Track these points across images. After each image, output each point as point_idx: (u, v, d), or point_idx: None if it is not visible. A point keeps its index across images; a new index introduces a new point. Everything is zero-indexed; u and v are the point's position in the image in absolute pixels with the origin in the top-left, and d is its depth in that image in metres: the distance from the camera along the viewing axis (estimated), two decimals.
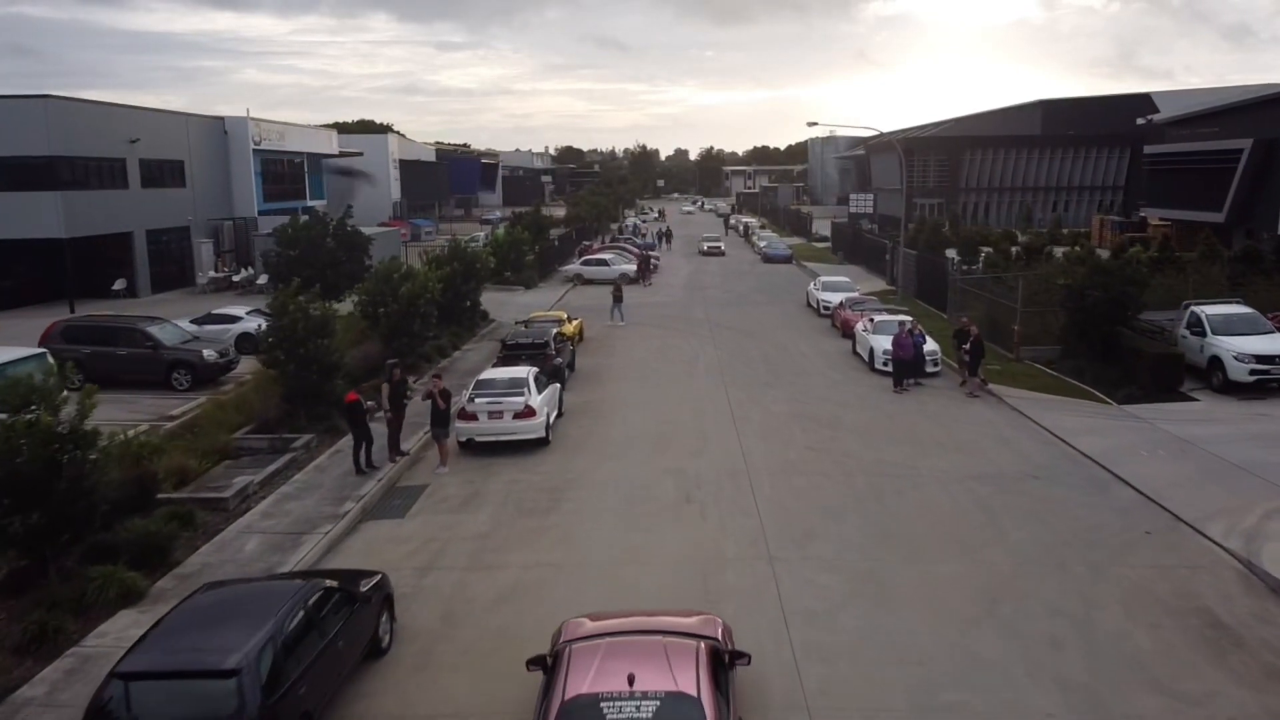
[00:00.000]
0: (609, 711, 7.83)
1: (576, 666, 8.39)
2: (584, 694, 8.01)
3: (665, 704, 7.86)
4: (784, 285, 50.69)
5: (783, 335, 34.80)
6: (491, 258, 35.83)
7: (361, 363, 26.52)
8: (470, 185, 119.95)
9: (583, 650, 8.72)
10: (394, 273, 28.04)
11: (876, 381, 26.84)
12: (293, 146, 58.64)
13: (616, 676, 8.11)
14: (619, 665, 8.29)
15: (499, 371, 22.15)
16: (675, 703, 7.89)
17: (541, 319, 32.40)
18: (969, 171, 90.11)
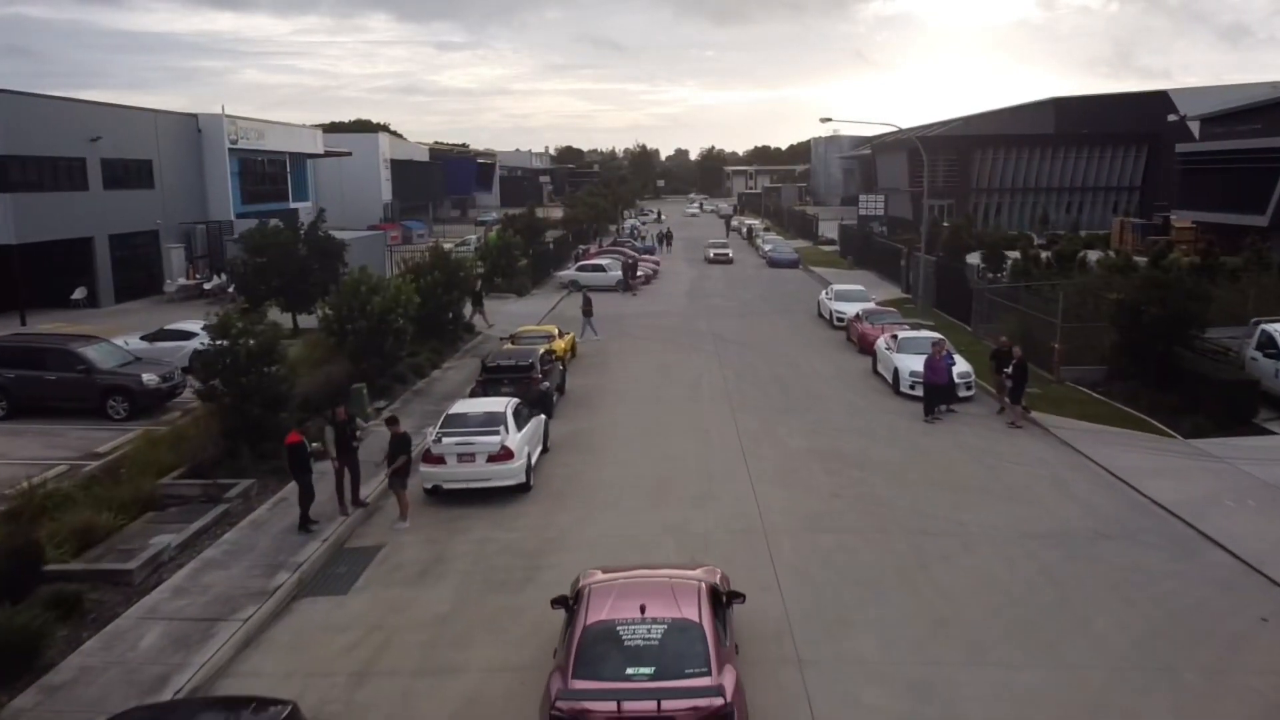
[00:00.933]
0: (624, 634, 9.35)
1: (595, 601, 9.90)
2: (603, 619, 9.54)
3: (671, 627, 9.41)
4: (792, 293, 47.71)
5: (794, 351, 31.84)
6: (479, 263, 32.86)
7: (324, 387, 23.58)
8: (466, 186, 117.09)
9: (600, 589, 10.24)
10: (363, 284, 25.09)
11: (902, 407, 23.89)
12: (274, 146, 55.72)
13: (630, 607, 9.63)
14: (632, 599, 9.80)
15: (472, 404, 19.17)
16: (680, 626, 9.43)
17: (529, 334, 29.44)
18: (980, 172, 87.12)
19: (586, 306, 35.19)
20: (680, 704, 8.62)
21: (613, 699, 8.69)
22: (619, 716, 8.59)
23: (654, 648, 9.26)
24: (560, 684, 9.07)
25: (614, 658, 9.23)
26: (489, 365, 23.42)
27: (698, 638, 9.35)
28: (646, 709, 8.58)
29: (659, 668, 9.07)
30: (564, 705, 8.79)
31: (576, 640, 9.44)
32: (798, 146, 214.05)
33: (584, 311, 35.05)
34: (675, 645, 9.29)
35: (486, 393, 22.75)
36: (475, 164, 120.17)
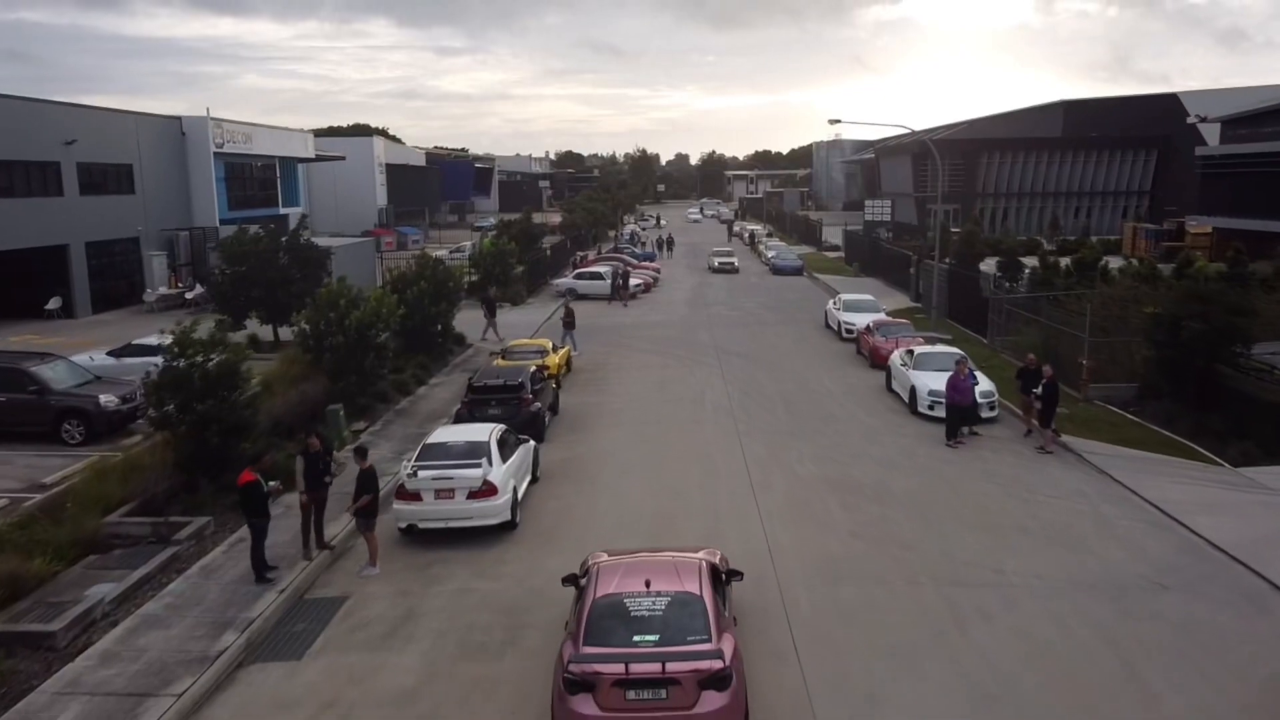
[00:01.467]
0: (631, 605, 10.02)
1: (604, 577, 10.57)
2: (611, 593, 10.21)
3: (674, 600, 10.08)
4: (797, 301, 46.00)
5: (802, 365, 30.11)
6: (470, 272, 31.17)
7: (299, 408, 21.89)
8: (463, 190, 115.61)
9: (608, 567, 10.92)
10: (341, 297, 23.37)
11: (921, 429, 22.16)
12: (261, 149, 54.06)
13: (636, 582, 10.30)
14: (638, 575, 10.45)
15: (453, 432, 17.42)
16: (682, 599, 10.10)
17: (521, 349, 27.73)
18: (986, 176, 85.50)
19: (568, 318, 33.13)
20: (683, 666, 9.30)
21: (621, 661, 9.34)
22: (627, 678, 9.28)
23: (658, 618, 9.95)
24: (572, 650, 9.71)
25: (621, 627, 9.89)
26: (475, 385, 21.70)
27: (699, 609, 10.04)
28: (652, 670, 9.28)
29: (663, 635, 9.73)
30: (576, 669, 9.43)
31: (586, 612, 10.10)
32: (799, 151, 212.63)
33: (565, 323, 33.07)
34: (678, 615, 9.97)
35: (473, 415, 21.11)
36: (473, 168, 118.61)
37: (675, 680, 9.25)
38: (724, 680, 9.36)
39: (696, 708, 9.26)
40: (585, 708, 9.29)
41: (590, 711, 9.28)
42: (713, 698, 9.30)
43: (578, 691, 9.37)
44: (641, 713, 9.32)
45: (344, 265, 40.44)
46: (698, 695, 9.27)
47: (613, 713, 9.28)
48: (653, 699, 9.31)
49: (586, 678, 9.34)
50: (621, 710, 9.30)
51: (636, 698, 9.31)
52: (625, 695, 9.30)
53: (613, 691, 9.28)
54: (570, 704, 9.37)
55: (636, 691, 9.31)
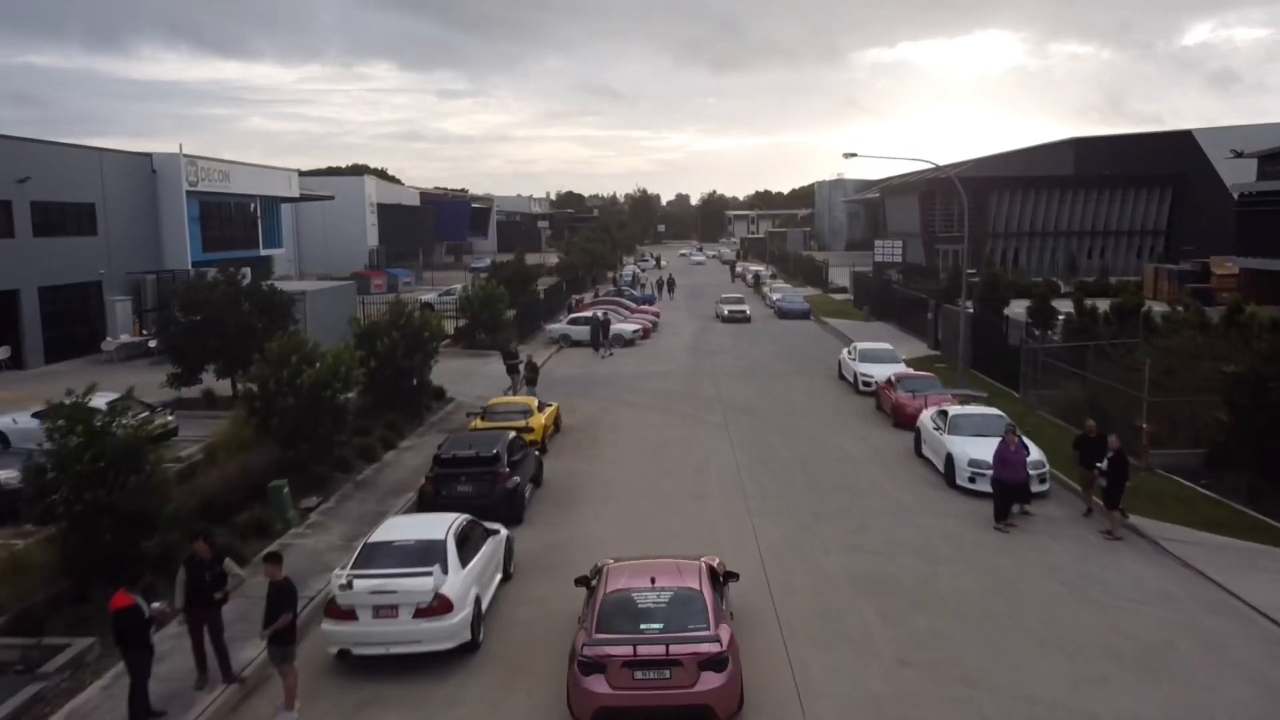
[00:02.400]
0: (638, 599, 11.21)
1: (613, 576, 11.82)
2: (620, 589, 11.43)
3: (677, 595, 11.26)
4: (807, 347, 43.04)
5: (816, 423, 27.03)
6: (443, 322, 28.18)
7: (239, 483, 18.82)
8: (460, 231, 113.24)
9: (617, 568, 12.23)
10: (293, 353, 20.37)
11: (962, 506, 19.05)
12: (240, 188, 51.38)
13: (643, 580, 11.55)
14: (644, 575, 11.69)
15: (402, 527, 14.24)
16: (684, 594, 11.27)
17: (503, 408, 24.68)
18: (996, 215, 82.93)
19: (530, 374, 30.29)
20: (684, 649, 10.36)
21: (629, 645, 10.41)
22: (635, 659, 10.33)
23: (662, 609, 11.03)
24: (586, 638, 10.76)
25: (629, 617, 10.93)
26: (443, 457, 18.64)
27: (699, 602, 11.10)
28: (656, 653, 10.35)
29: (667, 624, 10.80)
30: (590, 652, 10.50)
31: (598, 605, 11.17)
32: (800, 191, 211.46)
33: (527, 379, 30.15)
34: (680, 608, 11.05)
35: (439, 492, 18.09)
36: (470, 208, 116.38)
37: (678, 662, 10.36)
38: (721, 662, 10.47)
39: (697, 686, 10.35)
40: (598, 686, 10.40)
41: (602, 689, 10.39)
42: (711, 678, 10.39)
43: (591, 672, 10.48)
44: (648, 690, 10.38)
45: (321, 312, 37.66)
46: (698, 675, 10.37)
47: (622, 690, 10.36)
48: (657, 678, 10.39)
49: (599, 660, 10.46)
50: (630, 688, 10.38)
51: (643, 677, 10.38)
52: (633, 675, 10.38)
53: (622, 671, 10.38)
54: (584, 684, 10.46)
55: (643, 672, 10.39)
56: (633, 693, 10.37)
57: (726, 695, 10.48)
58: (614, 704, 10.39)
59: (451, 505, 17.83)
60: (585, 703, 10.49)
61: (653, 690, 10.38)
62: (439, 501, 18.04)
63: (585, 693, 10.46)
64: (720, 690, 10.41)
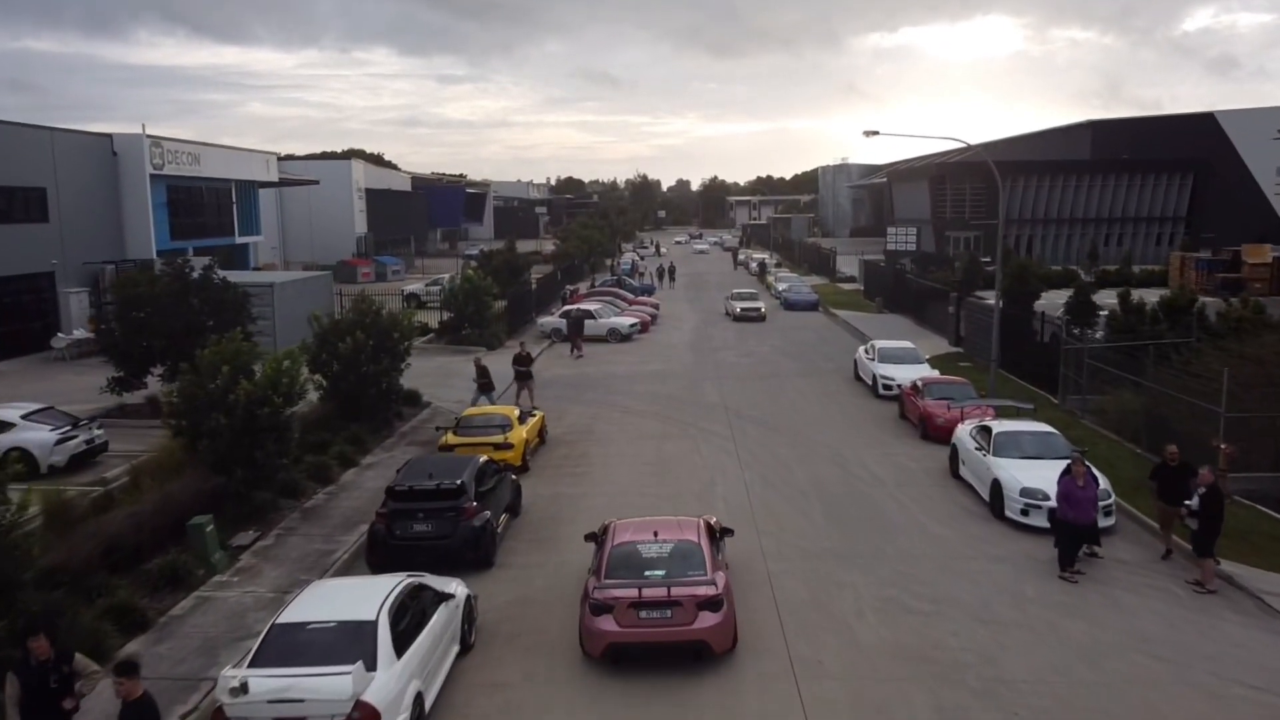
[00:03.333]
0: (643, 550, 12.34)
1: (619, 532, 12.98)
2: (625, 541, 12.61)
3: (677, 546, 12.40)
4: (816, 343, 39.97)
5: (834, 435, 24.01)
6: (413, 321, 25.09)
7: (156, 521, 15.81)
8: (453, 217, 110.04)
9: (623, 524, 13.34)
10: (224, 362, 17.33)
11: (1015, 544, 16.08)
12: (213, 171, 48.24)
13: (646, 534, 12.71)
14: (647, 530, 12.85)
15: (323, 599, 11.13)
16: (684, 546, 12.43)
17: (479, 420, 21.65)
18: (1010, 201, 79.70)
19: (482, 378, 26.17)
20: (684, 591, 11.60)
21: (635, 588, 11.64)
22: (640, 601, 11.53)
23: (664, 558, 12.25)
24: (595, 583, 11.99)
25: (634, 566, 12.15)
26: (397, 489, 15.60)
27: (697, 553, 12.35)
28: (659, 595, 11.55)
29: (668, 571, 12.00)
30: (599, 595, 11.74)
31: (606, 556, 12.42)
32: (802, 176, 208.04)
33: (479, 386, 26.14)
34: (680, 557, 12.26)
35: (391, 531, 15.11)
36: (464, 193, 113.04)
37: (678, 603, 11.53)
38: (717, 604, 11.69)
39: (695, 624, 11.55)
40: (607, 625, 11.61)
41: (610, 628, 11.59)
42: (708, 617, 11.60)
43: (600, 613, 11.67)
44: (651, 628, 11.60)
45: (292, 306, 34.71)
46: (696, 615, 11.56)
47: (628, 629, 11.57)
48: (660, 618, 11.58)
49: (607, 602, 11.64)
50: (635, 627, 11.57)
51: (647, 617, 11.58)
52: (638, 615, 11.56)
53: (628, 612, 11.55)
54: (595, 623, 11.68)
55: (647, 612, 11.57)
56: (638, 630, 11.59)
57: (722, 632, 11.79)
58: (621, 640, 11.63)
59: (406, 548, 14.97)
60: (596, 640, 11.72)
61: (656, 628, 11.61)
62: (391, 543, 15.07)
63: (596, 631, 11.69)
64: (716, 628, 11.69)
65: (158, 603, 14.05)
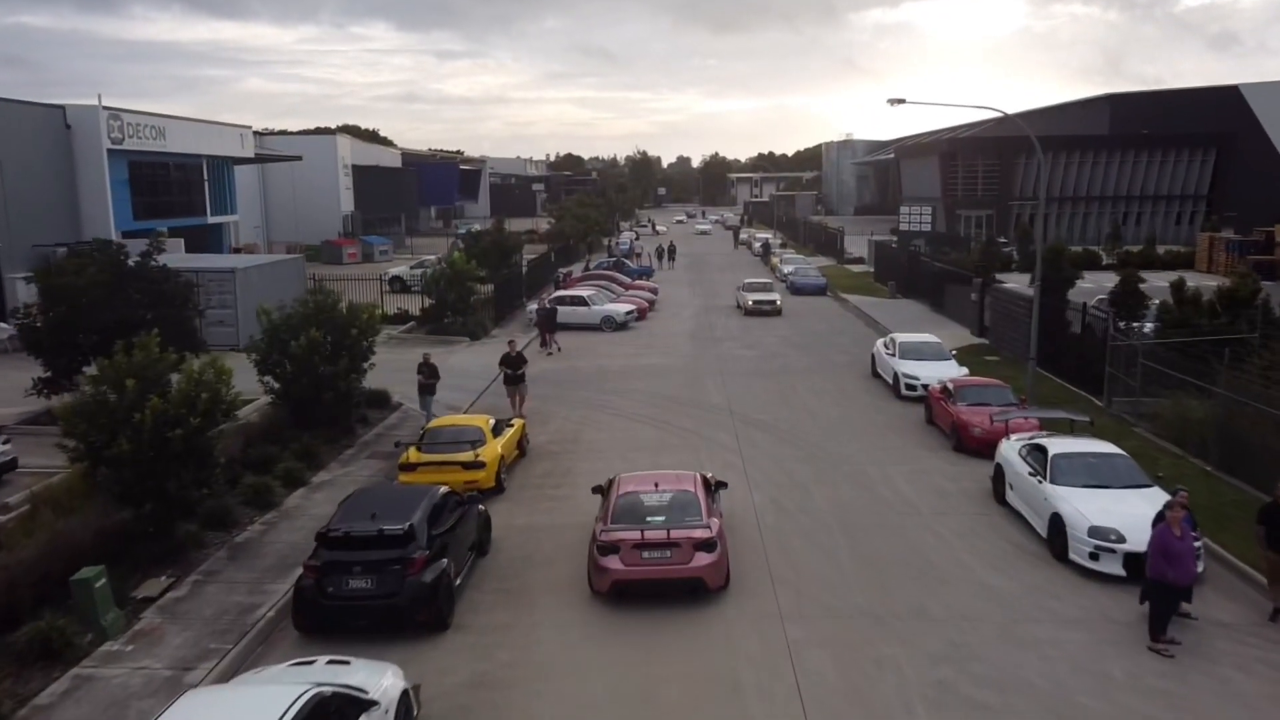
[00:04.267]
0: (645, 499, 13.71)
1: (624, 484, 14.39)
2: (629, 491, 14.02)
3: (676, 496, 13.76)
4: (827, 333, 37.00)
5: (855, 445, 21.09)
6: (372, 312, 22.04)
7: (45, 564, 12.94)
8: (447, 195, 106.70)
9: (627, 477, 14.75)
10: (129, 375, 14.38)
11: (1088, 599, 13.21)
12: (181, 147, 45.07)
13: (648, 485, 14.15)
14: (649, 482, 14.32)
15: (210, 703, 8.30)
16: (681, 496, 13.79)
17: (448, 433, 18.68)
18: (1024, 178, 76.48)
19: (427, 377, 22.63)
20: (682, 533, 12.95)
21: (638, 530, 12.97)
22: (642, 543, 12.85)
23: (664, 506, 13.58)
24: (602, 527, 13.35)
25: (638, 513, 13.47)
26: (331, 534, 12.66)
27: (694, 501, 13.71)
28: (659, 538, 12.87)
29: (668, 517, 13.31)
30: (605, 537, 13.05)
31: (611, 505, 13.78)
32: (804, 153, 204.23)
33: (420, 386, 22.67)
34: (679, 505, 13.58)
35: (323, 589, 12.24)
36: (457, 170, 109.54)
37: (677, 544, 12.85)
38: (711, 545, 13.00)
39: (692, 563, 12.85)
40: (613, 564, 12.87)
41: (616, 566, 12.86)
42: (703, 557, 12.90)
43: (607, 554, 12.93)
44: (652, 567, 12.84)
45: (257, 292, 31.72)
46: (692, 555, 12.87)
47: (632, 567, 12.83)
48: (660, 558, 12.85)
49: (613, 543, 12.93)
50: (638, 565, 12.84)
51: (649, 557, 12.83)
52: (641, 555, 12.84)
53: (632, 552, 12.84)
54: (602, 562, 12.93)
55: (649, 552, 12.84)
56: (641, 569, 12.80)
57: (715, 571, 13.01)
58: (626, 578, 12.81)
59: (340, 609, 12.13)
60: (603, 578, 12.90)
61: (656, 566, 12.81)
62: (323, 603, 12.21)
63: (603, 570, 12.88)
64: (710, 566, 12.91)
65: (22, 685, 11.21)
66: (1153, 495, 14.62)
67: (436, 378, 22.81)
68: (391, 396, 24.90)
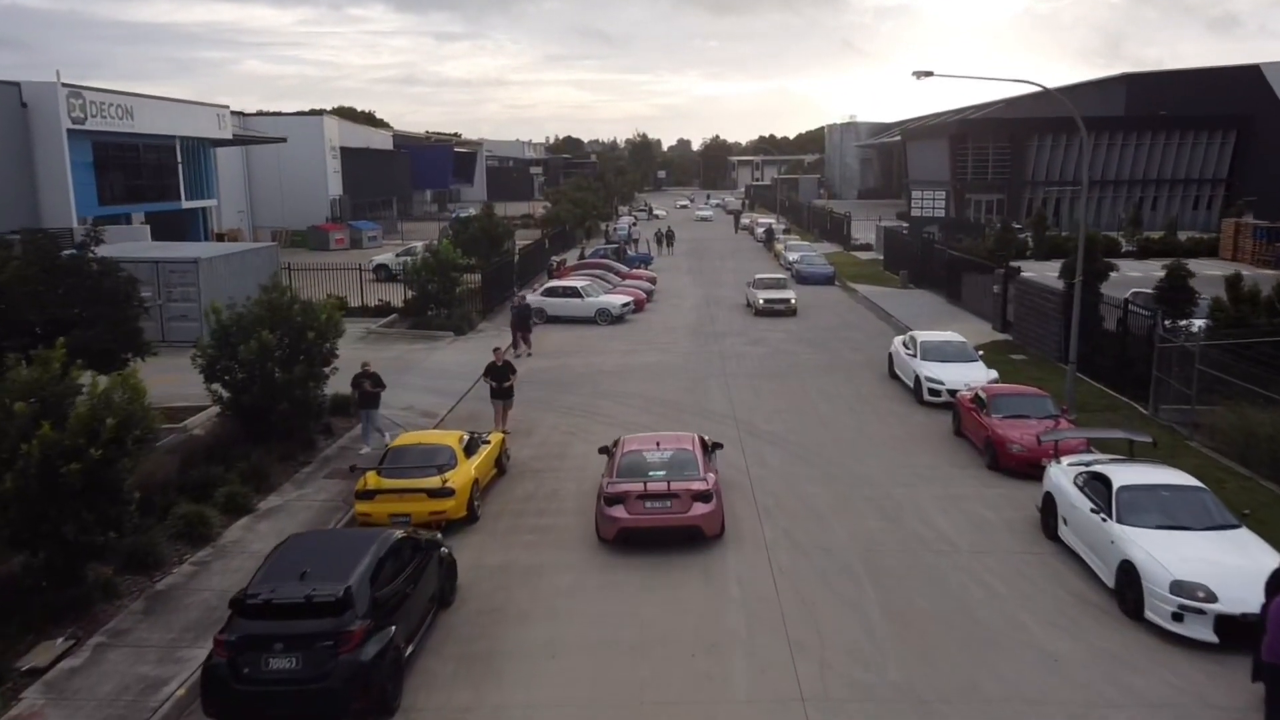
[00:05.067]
0: (647, 457, 15.19)
1: (628, 444, 15.90)
2: (633, 450, 15.52)
3: (676, 453, 15.25)
4: (838, 327, 34.62)
5: (879, 464, 18.71)
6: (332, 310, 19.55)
7: None
8: (441, 178, 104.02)
9: (631, 439, 16.34)
10: (19, 398, 11.97)
11: (1176, 673, 10.89)
12: (151, 127, 42.54)
13: (650, 445, 15.68)
14: (651, 442, 15.88)
15: None
16: (680, 453, 15.28)
17: (413, 455, 16.26)
18: (1036, 161, 73.88)
19: (371, 386, 19.51)
20: (680, 484, 14.34)
21: (641, 483, 14.36)
22: (645, 494, 14.22)
23: (665, 462, 14.98)
24: (609, 480, 14.79)
25: (640, 468, 14.87)
26: (250, 601, 10.28)
27: (692, 458, 15.16)
28: (661, 489, 14.24)
29: (668, 472, 14.72)
30: (611, 489, 14.48)
31: (617, 461, 15.22)
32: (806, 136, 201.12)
33: (362, 398, 19.53)
34: (678, 462, 14.99)
35: (237, 672, 9.89)
36: (451, 152, 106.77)
37: (676, 495, 14.22)
38: (708, 496, 14.39)
39: (690, 512, 14.22)
40: (618, 513, 14.28)
41: (621, 515, 14.27)
42: (700, 507, 14.27)
43: (613, 504, 14.35)
44: (655, 515, 14.20)
45: (224, 285, 29.40)
46: (690, 505, 14.24)
47: (636, 516, 14.21)
48: (661, 508, 14.21)
49: (618, 495, 14.35)
50: (641, 514, 14.21)
51: (651, 506, 14.21)
52: (644, 505, 14.21)
53: (636, 503, 14.22)
54: (609, 512, 14.36)
55: (651, 502, 14.22)
56: (644, 517, 14.24)
57: (711, 519, 14.47)
58: (630, 525, 14.28)
59: (259, 696, 9.79)
60: (609, 526, 14.40)
61: (658, 515, 14.24)
62: (237, 689, 9.86)
63: (609, 518, 14.38)
64: (707, 515, 14.38)
65: None
66: (1242, 540, 12.37)
67: (381, 387, 19.90)
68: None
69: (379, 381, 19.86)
